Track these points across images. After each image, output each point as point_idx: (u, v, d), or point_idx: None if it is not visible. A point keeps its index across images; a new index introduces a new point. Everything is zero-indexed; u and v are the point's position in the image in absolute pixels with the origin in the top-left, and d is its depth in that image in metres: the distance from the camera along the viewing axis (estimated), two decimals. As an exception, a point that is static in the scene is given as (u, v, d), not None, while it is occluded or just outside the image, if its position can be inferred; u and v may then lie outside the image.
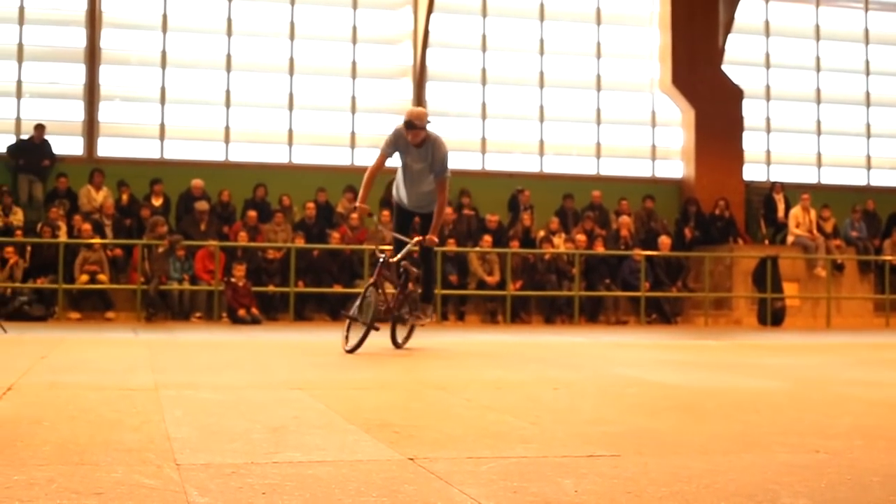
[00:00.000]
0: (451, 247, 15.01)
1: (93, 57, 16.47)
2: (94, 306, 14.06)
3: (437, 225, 8.05)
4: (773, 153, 19.20)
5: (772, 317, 15.74)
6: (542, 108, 18.12)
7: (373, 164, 8.08)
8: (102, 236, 14.50)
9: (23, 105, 16.35)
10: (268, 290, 14.31)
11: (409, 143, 7.88)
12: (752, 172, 18.71)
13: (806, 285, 16.69)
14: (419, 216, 8.57)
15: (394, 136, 7.97)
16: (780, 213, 17.74)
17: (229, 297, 13.61)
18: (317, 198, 15.76)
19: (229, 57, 17.01)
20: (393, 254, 8.20)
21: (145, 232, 14.31)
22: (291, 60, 17.20)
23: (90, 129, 16.42)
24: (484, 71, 17.95)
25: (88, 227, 14.25)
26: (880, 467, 3.17)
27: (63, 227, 14.40)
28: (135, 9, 16.84)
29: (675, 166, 18.60)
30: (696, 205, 17.34)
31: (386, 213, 15.15)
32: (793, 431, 3.92)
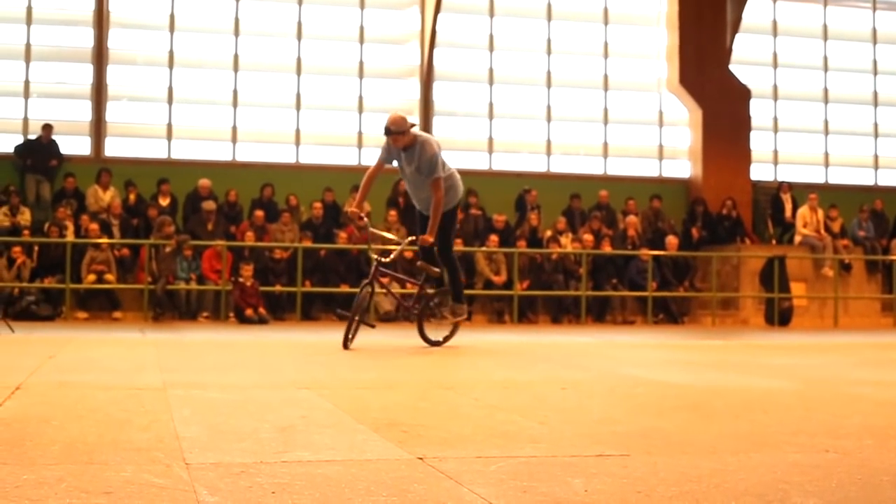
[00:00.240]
0: (458, 246, 14.98)
1: (100, 57, 16.50)
2: (101, 306, 14.07)
3: (433, 225, 8.12)
4: (780, 153, 19.18)
5: (779, 317, 15.73)
6: (549, 107, 18.11)
7: (370, 169, 8.30)
8: (110, 236, 14.53)
9: (30, 105, 16.39)
10: (275, 289, 14.32)
11: (397, 148, 8.07)
12: (760, 172, 18.69)
13: (813, 285, 16.66)
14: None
15: (386, 142, 8.16)
16: (788, 212, 17.71)
17: (237, 297, 13.62)
18: (324, 197, 15.77)
19: (237, 57, 17.03)
20: (420, 255, 8.42)
21: (152, 232, 14.32)
22: (299, 60, 17.21)
23: (97, 129, 16.45)
24: (491, 71, 17.95)
25: (96, 226, 14.28)
26: (891, 467, 3.16)
27: (70, 227, 14.42)
28: (142, 9, 16.87)
29: (682, 166, 18.58)
30: (704, 204, 17.32)
31: (393, 212, 15.20)
32: (802, 431, 3.90)
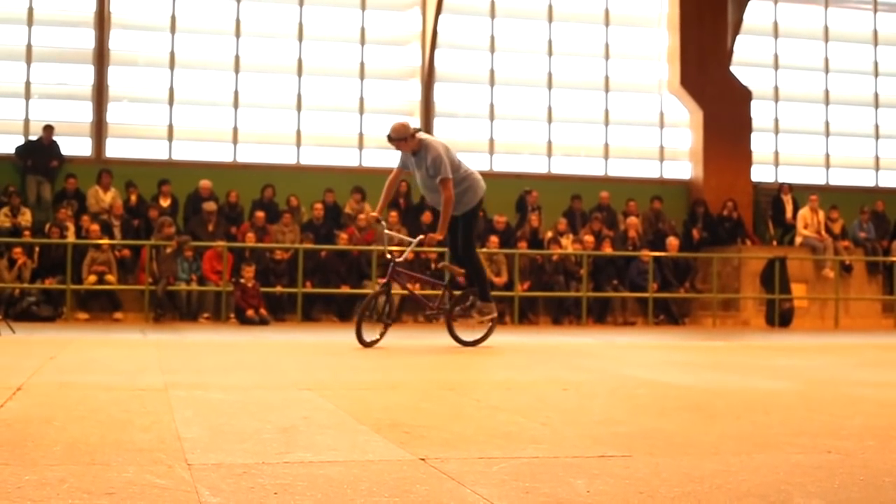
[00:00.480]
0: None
1: (101, 58, 16.50)
2: (102, 307, 14.07)
3: (443, 223, 8.37)
4: (781, 154, 19.18)
5: (780, 318, 15.73)
6: (550, 108, 18.12)
7: (390, 176, 8.69)
8: (110, 237, 14.53)
9: (31, 106, 16.40)
10: (276, 290, 14.32)
11: (406, 153, 8.45)
12: (761, 173, 18.68)
13: (814, 286, 16.66)
14: None
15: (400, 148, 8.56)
16: (789, 214, 17.71)
17: (238, 298, 13.62)
18: (325, 198, 15.77)
19: (238, 58, 17.04)
20: (449, 258, 8.77)
21: (153, 232, 14.33)
22: (300, 61, 17.22)
23: (98, 130, 16.45)
24: (492, 72, 17.96)
25: (96, 227, 14.27)
26: (893, 468, 3.16)
27: (71, 228, 14.42)
28: (143, 10, 16.88)
29: (683, 167, 18.58)
30: (704, 206, 17.31)
31: (393, 213, 15.19)
32: (804, 432, 3.90)
